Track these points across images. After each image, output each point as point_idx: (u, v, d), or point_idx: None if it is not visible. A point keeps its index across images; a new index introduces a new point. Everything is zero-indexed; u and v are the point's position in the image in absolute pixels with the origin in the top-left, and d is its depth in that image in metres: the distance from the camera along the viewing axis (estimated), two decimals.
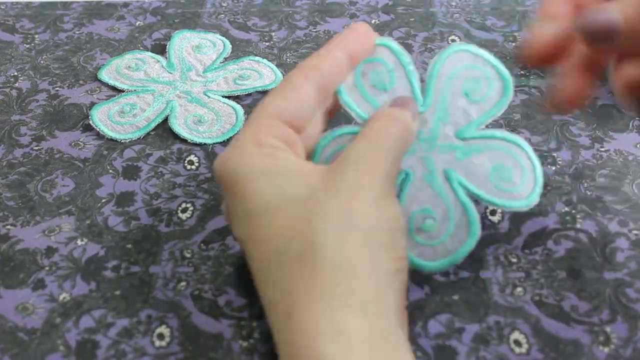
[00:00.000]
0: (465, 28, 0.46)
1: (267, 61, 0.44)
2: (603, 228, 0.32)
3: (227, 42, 0.46)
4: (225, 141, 0.38)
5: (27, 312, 0.29)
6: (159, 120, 0.39)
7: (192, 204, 0.34)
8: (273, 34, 0.47)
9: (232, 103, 0.40)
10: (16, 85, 0.43)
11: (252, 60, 0.44)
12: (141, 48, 0.46)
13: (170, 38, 0.46)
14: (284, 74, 0.43)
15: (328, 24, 0.48)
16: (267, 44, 0.46)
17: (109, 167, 0.36)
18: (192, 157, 0.37)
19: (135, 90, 0.41)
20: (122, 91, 0.42)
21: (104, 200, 0.34)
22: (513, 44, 0.44)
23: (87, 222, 0.33)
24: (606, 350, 0.27)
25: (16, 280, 0.31)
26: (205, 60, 0.44)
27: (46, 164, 0.37)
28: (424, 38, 0.46)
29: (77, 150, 0.38)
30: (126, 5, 0.50)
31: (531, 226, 0.32)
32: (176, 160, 0.37)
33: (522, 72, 0.41)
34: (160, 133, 0.39)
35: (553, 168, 0.35)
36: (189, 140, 0.38)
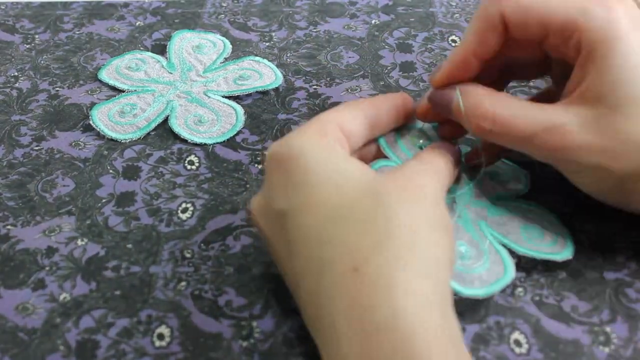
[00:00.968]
0: (465, 28, 0.46)
1: (267, 61, 0.44)
2: (603, 228, 0.32)
3: (227, 42, 0.46)
4: (225, 141, 0.38)
5: (27, 312, 0.29)
6: (159, 120, 0.39)
7: (192, 204, 0.34)
8: (273, 34, 0.47)
9: (232, 103, 0.40)
10: (16, 85, 0.43)
11: (252, 60, 0.44)
12: (141, 48, 0.46)
13: (171, 38, 0.46)
14: (284, 74, 0.43)
15: (328, 24, 0.48)
16: (267, 44, 0.46)
17: (109, 167, 0.36)
18: (192, 157, 0.37)
19: (135, 90, 0.41)
20: (123, 91, 0.42)
21: (104, 200, 0.34)
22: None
23: (88, 222, 0.33)
24: (606, 350, 0.27)
25: (16, 280, 0.31)
26: (205, 61, 0.44)
27: (46, 164, 0.37)
28: (424, 38, 0.46)
29: (78, 151, 0.38)
30: (126, 5, 0.50)
31: None
32: (176, 160, 0.37)
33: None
34: (161, 133, 0.39)
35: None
36: (189, 141, 0.38)
